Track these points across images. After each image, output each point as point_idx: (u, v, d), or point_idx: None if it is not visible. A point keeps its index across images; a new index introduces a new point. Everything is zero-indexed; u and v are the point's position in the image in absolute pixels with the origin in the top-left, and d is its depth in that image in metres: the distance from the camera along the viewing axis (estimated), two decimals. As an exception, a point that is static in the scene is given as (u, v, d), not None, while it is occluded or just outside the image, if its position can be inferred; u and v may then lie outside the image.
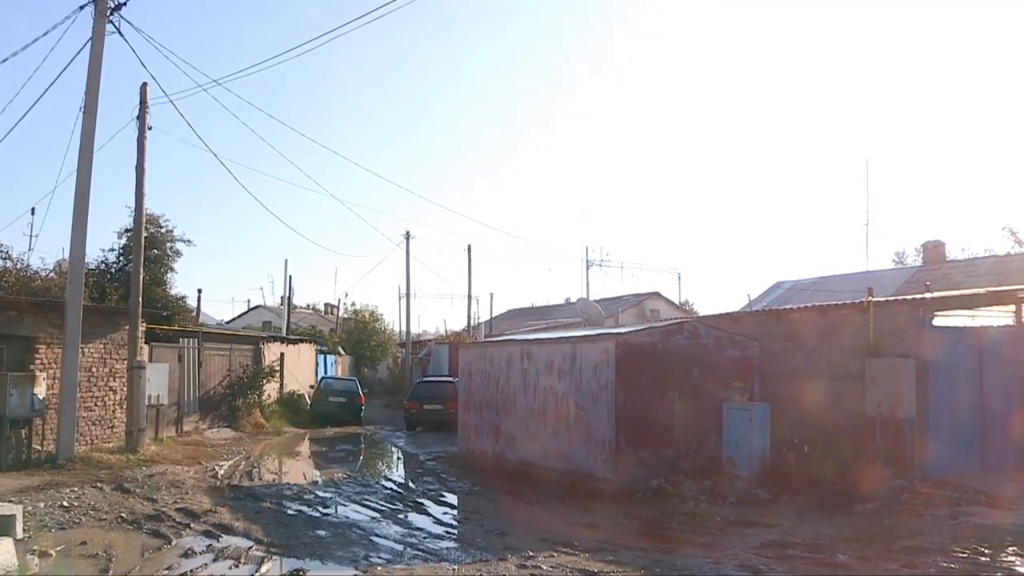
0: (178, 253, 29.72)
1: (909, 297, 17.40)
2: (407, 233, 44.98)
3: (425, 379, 36.30)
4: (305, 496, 14.68)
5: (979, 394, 15.64)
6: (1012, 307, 17.54)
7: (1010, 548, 10.10)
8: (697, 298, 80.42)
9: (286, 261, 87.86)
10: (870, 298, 15.49)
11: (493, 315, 53.18)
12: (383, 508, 13.81)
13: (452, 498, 15.41)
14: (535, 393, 17.20)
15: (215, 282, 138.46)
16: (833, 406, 15.25)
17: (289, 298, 49.37)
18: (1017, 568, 9.36)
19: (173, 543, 10.49)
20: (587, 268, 53.20)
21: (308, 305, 69.96)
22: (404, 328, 48.92)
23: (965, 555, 9.77)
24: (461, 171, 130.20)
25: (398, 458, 23.18)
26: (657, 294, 48.44)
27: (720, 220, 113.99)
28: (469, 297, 47.84)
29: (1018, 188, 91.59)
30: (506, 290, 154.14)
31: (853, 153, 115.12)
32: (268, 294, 70.15)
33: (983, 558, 9.67)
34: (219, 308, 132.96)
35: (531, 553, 9.95)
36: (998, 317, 17.75)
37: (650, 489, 14.25)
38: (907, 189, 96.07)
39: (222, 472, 17.40)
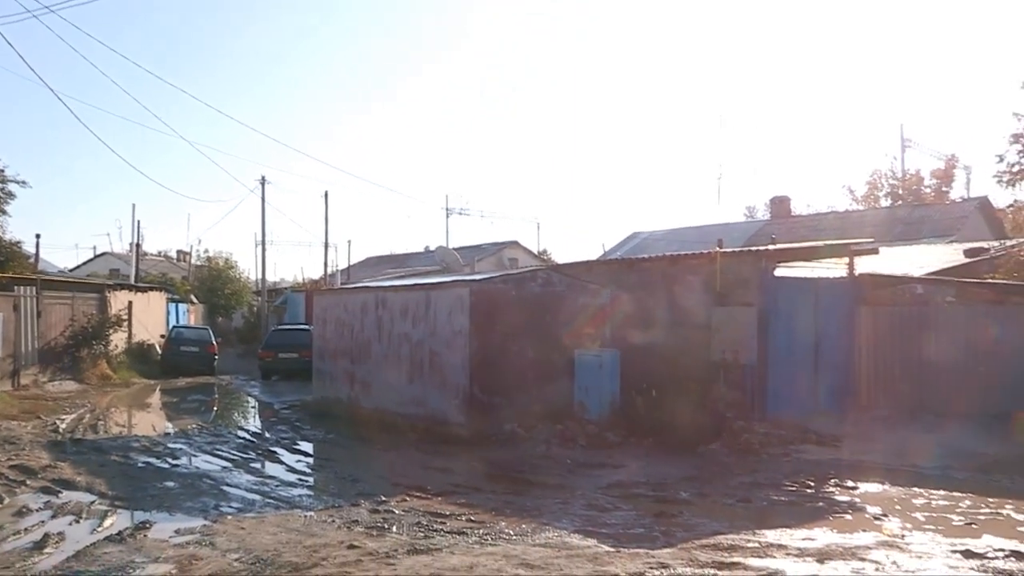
0: (11, 195, 28.09)
1: (753, 248, 18.16)
2: (262, 178, 43.85)
3: (280, 327, 35.65)
4: (154, 448, 14.25)
5: (815, 341, 16.55)
6: (847, 260, 18.56)
7: (832, 480, 10.86)
8: (555, 248, 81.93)
9: (134, 206, 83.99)
10: (718, 249, 16.08)
11: (351, 263, 52.57)
12: (235, 458, 13.58)
13: (306, 446, 15.31)
14: (390, 340, 17.18)
15: (58, 228, 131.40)
16: (681, 352, 15.81)
17: (138, 245, 47.39)
18: (836, 497, 10.08)
19: (5, 502, 9.95)
20: (447, 216, 53.21)
21: (159, 252, 67.34)
22: (260, 276, 47.85)
23: (794, 488, 10.44)
24: (320, 117, 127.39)
25: (252, 407, 22.80)
26: (515, 243, 48.92)
27: (579, 171, 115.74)
28: (326, 244, 47.09)
29: (857, 149, 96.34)
30: (365, 238, 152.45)
31: (708, 108, 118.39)
32: (116, 240, 67.35)
33: (808, 490, 10.36)
34: (63, 255, 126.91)
35: (384, 498, 10.02)
36: (835, 269, 18.75)
37: (503, 434, 14.52)
38: (759, 146, 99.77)
39: (64, 426, 16.69)
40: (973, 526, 8.65)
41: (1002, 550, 7.57)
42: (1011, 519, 9.00)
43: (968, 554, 7.46)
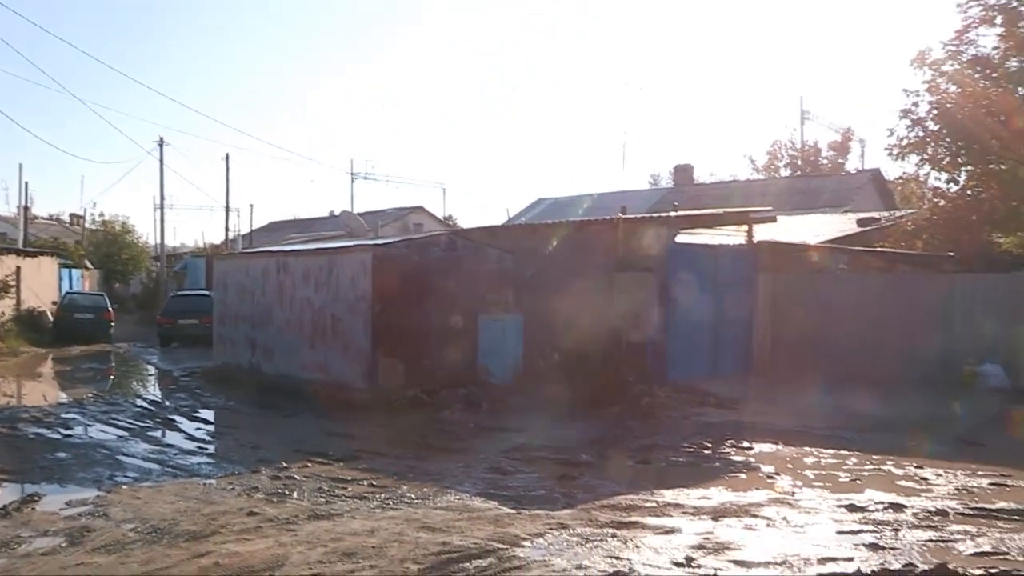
0: None
1: (655, 215, 18.43)
2: (160, 140, 42.60)
3: (180, 293, 34.77)
4: (45, 419, 13.70)
5: (715, 307, 16.93)
6: (746, 228, 18.99)
7: (729, 442, 11.16)
8: (461, 213, 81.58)
9: (20, 166, 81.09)
10: (620, 215, 16.27)
11: (254, 228, 51.57)
12: (132, 427, 13.19)
13: (206, 413, 14.98)
14: (292, 305, 16.93)
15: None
16: (584, 317, 15.97)
17: (26, 207, 45.46)
18: (732, 457, 10.38)
19: None
20: (352, 181, 52.54)
21: (51, 215, 64.75)
22: (159, 240, 46.51)
23: (692, 450, 10.70)
24: (221, 80, 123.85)
25: (150, 375, 22.21)
26: (421, 208, 48.64)
27: (486, 136, 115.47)
28: (227, 208, 46.01)
29: (759, 120, 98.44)
30: (268, 203, 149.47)
31: (614, 75, 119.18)
32: (1, 203, 64.34)
33: (706, 451, 10.64)
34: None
35: (285, 464, 9.91)
36: (735, 237, 19.18)
37: (407, 399, 14.48)
38: (664, 114, 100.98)
39: (-55, 398, 15.96)
40: (858, 482, 9.02)
41: (882, 503, 7.96)
42: (891, 474, 9.42)
43: (852, 508, 7.79)
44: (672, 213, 18.69)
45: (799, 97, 74.55)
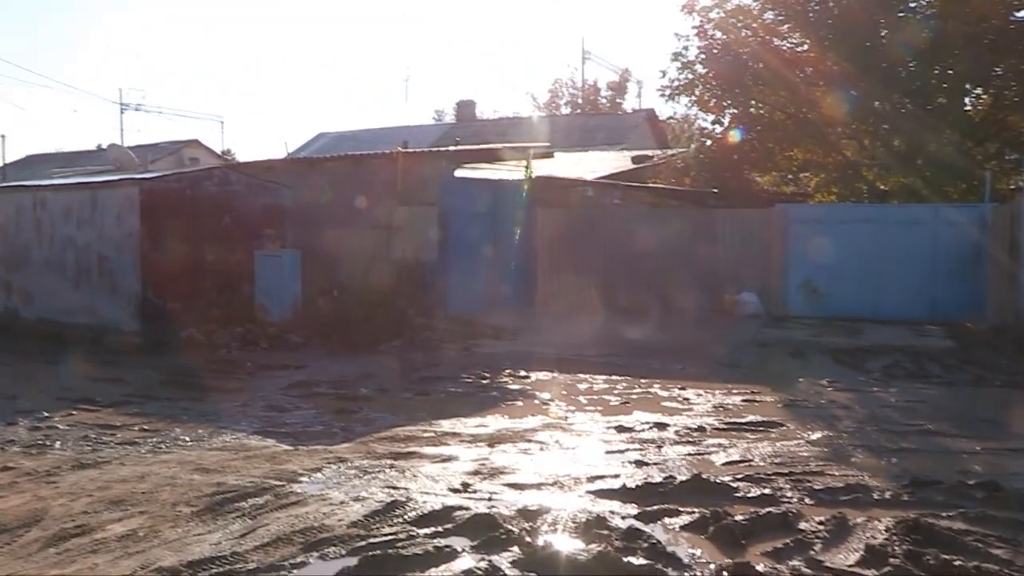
0: None
1: (434, 149, 18.48)
2: None
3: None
4: None
5: (495, 240, 17.28)
6: (524, 163, 19.42)
7: (507, 371, 11.54)
8: (240, 147, 78.32)
9: None
10: (399, 149, 16.21)
11: (8, 161, 47.43)
12: None
13: (-46, 364, 13.82)
14: (52, 245, 15.78)
15: None
16: (365, 252, 15.92)
17: None
18: (510, 386, 10.75)
19: None
20: (121, 112, 49.22)
21: None
22: None
23: (471, 380, 10.99)
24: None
25: None
26: (196, 142, 46.30)
27: (266, 69, 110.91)
28: (-26, 141, 42.05)
29: (541, 59, 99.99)
30: (24, 134, 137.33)
31: (395, 8, 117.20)
32: None
33: (484, 381, 10.96)
34: None
35: (46, 414, 9.30)
36: (515, 172, 19.58)
37: (181, 340, 13.94)
38: (449, 50, 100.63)
39: None
40: (627, 404, 9.58)
41: (648, 423, 8.53)
42: (657, 396, 10.08)
43: (620, 429, 8.30)
44: (452, 148, 18.80)
45: (580, 37, 76.36)
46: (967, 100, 22.42)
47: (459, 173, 17.13)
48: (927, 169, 20.59)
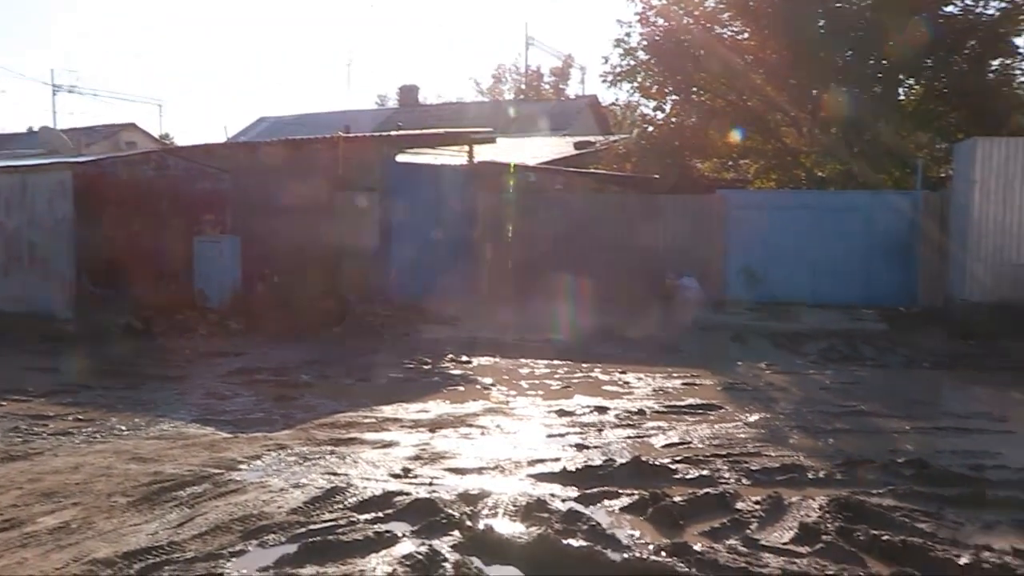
0: None
1: (376, 134, 18.35)
2: None
3: None
4: None
5: (436, 225, 17.22)
6: (467, 148, 19.38)
7: (449, 357, 11.53)
8: (179, 131, 76.78)
9: None
10: (340, 134, 16.05)
11: (-71, 144, 45.97)
12: None
13: None
14: (-20, 231, 15.39)
15: None
16: (306, 238, 15.73)
17: None
18: (451, 371, 10.76)
19: None
20: (53, 94, 47.98)
21: None
22: None
23: (412, 366, 10.96)
24: None
25: None
26: (133, 125, 45.29)
27: (206, 52, 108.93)
28: None
29: (485, 45, 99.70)
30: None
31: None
32: None
33: (426, 367, 10.93)
34: None
35: (-26, 405, 9.08)
36: (458, 157, 19.53)
37: (118, 327, 13.68)
38: (392, 35, 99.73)
39: None
40: (568, 388, 9.66)
41: (588, 407, 8.62)
42: (598, 380, 10.18)
43: (561, 413, 8.36)
44: (394, 133, 18.68)
45: (524, 23, 76.25)
46: (901, 90, 22.86)
47: (401, 158, 17.03)
48: (863, 157, 20.98)
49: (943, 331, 14.20)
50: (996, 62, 21.27)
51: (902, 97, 22.86)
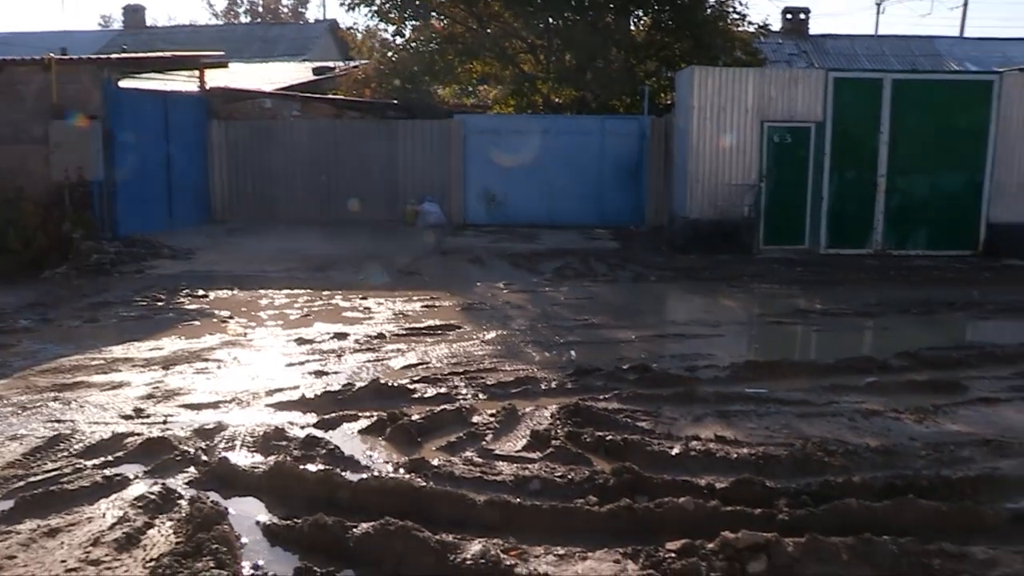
0: None
1: (93, 56, 16.95)
2: None
3: None
4: None
5: (167, 155, 16.33)
6: (197, 73, 18.41)
7: (184, 292, 11.01)
8: None
9: None
10: (51, 55, 14.73)
11: None
12: None
13: None
14: None
15: None
16: (17, 171, 14.38)
17: None
18: (187, 307, 10.24)
19: None
20: None
21: None
22: None
23: (145, 303, 10.35)
24: None
25: None
26: None
27: None
28: None
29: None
30: None
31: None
32: None
33: (159, 303, 10.38)
34: None
35: None
36: (188, 83, 18.51)
37: None
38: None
39: None
40: (308, 317, 9.56)
41: (328, 334, 8.60)
42: (339, 307, 10.15)
43: (301, 341, 8.29)
44: (115, 55, 17.38)
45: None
46: (631, 21, 23.88)
47: (126, 84, 15.91)
48: (596, 83, 21.85)
49: (668, 247, 15.26)
50: (713, -1, 22.70)
51: (632, 28, 23.90)
